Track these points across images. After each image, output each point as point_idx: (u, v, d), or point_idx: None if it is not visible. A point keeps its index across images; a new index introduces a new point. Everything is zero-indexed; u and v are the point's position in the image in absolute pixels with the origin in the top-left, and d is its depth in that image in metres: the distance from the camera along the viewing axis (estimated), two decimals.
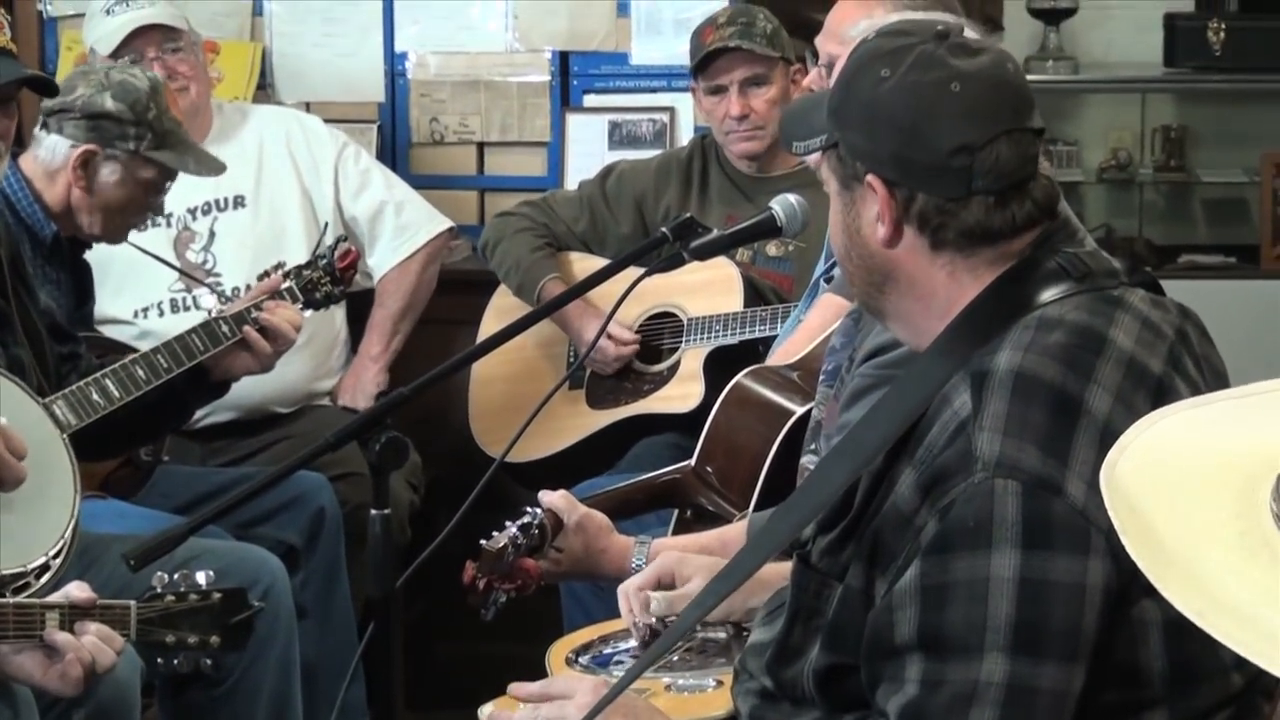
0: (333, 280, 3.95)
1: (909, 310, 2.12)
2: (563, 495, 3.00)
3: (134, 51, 4.52)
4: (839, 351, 2.84)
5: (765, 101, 4.49)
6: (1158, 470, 1.41)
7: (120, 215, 3.97)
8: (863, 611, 2.00)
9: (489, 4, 5.15)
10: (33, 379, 3.45)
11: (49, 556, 3.24)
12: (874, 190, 2.07)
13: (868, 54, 2.09)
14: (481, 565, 2.85)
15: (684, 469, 3.36)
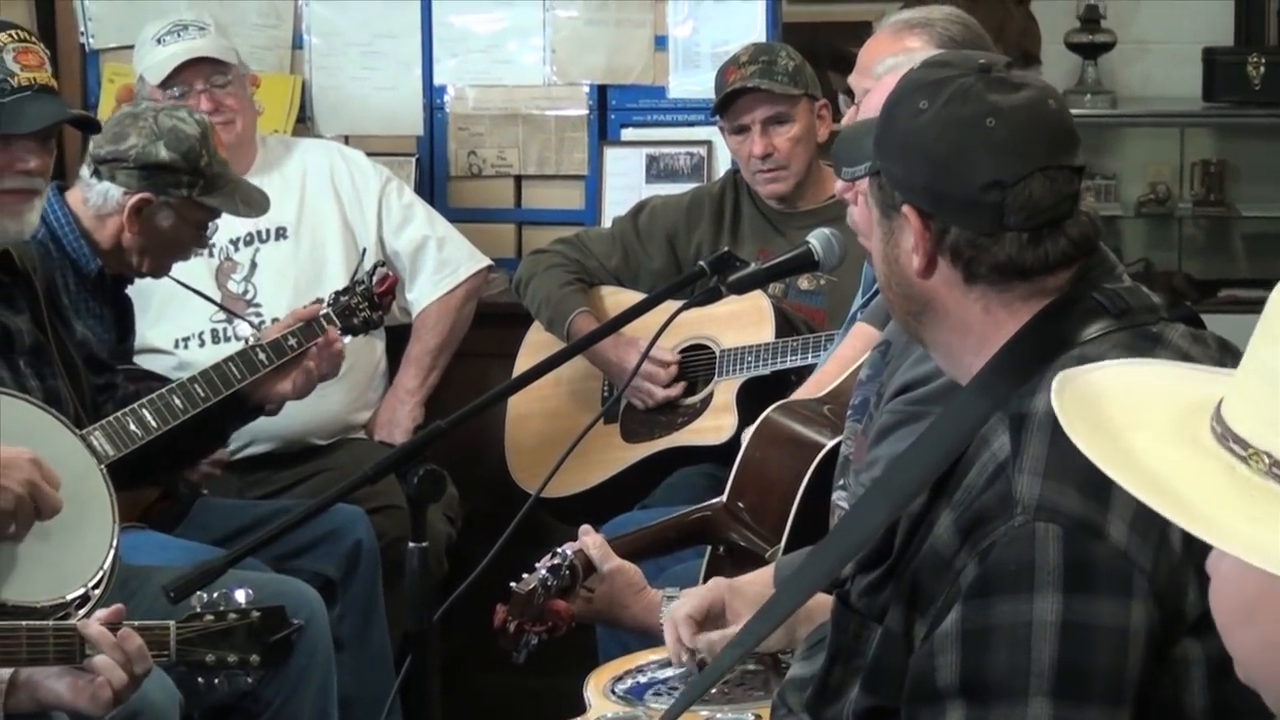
0: (371, 306, 3.98)
1: (946, 341, 2.13)
2: (599, 543, 3.00)
3: (183, 83, 4.56)
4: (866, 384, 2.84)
5: (788, 140, 4.50)
6: (1106, 387, 1.52)
7: (169, 255, 4.03)
8: (903, 654, 1.99)
9: (527, 38, 5.17)
10: (70, 410, 3.47)
11: (89, 587, 3.26)
12: (909, 220, 2.07)
13: (909, 85, 2.10)
14: (512, 608, 2.86)
15: (715, 505, 3.36)
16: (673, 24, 5.13)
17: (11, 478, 3.16)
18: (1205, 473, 1.37)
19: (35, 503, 3.19)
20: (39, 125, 3.36)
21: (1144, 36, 6.64)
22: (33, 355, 3.47)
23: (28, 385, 3.42)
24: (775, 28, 5.09)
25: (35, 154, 3.38)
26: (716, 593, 2.76)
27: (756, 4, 5.06)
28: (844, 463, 2.86)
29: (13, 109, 3.33)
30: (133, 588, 3.46)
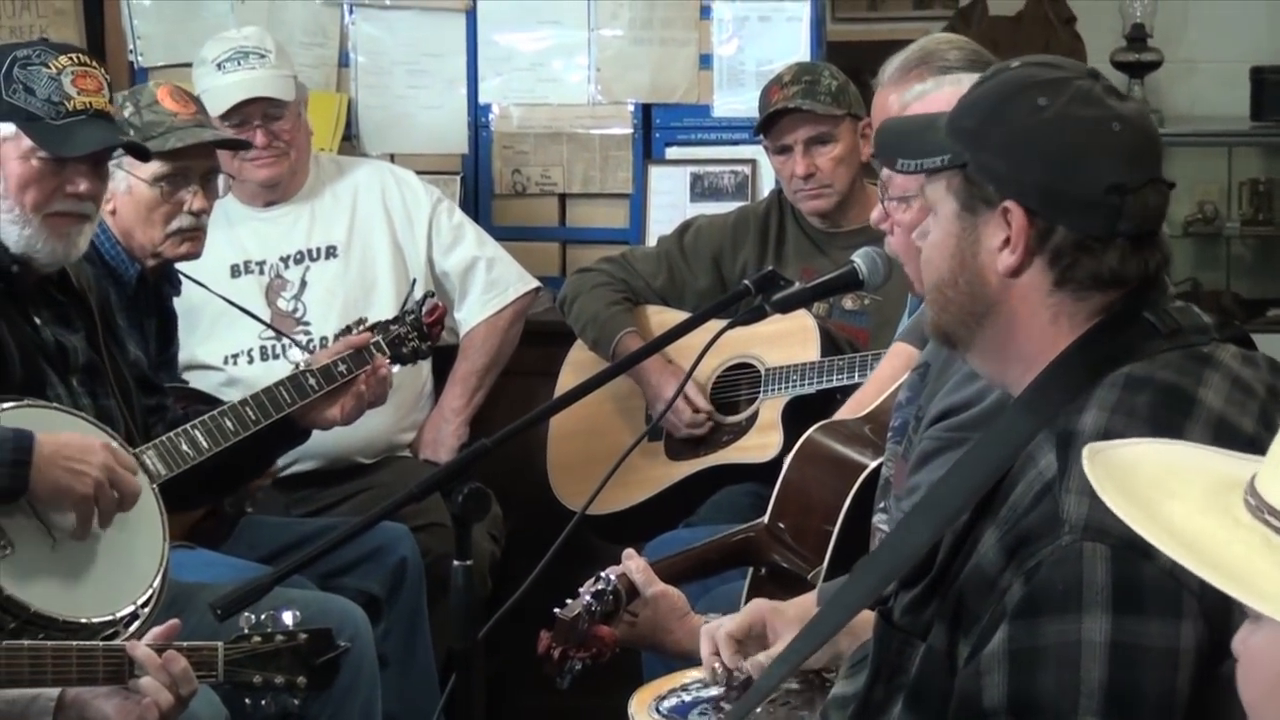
0: (420, 336, 3.99)
1: (999, 347, 2.10)
2: (643, 568, 3.00)
3: (238, 115, 4.58)
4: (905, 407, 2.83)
5: (830, 160, 4.50)
6: (1137, 460, 1.54)
7: (149, 220, 3.99)
8: (945, 672, 1.98)
9: (572, 57, 5.19)
10: (121, 429, 3.49)
11: (138, 605, 3.27)
12: (1008, 218, 2.04)
13: (1021, 81, 2.07)
14: (556, 634, 2.86)
15: (757, 526, 3.35)
16: (717, 43, 5.14)
17: (89, 462, 3.19)
18: (1242, 543, 1.38)
19: (115, 488, 3.21)
20: (88, 150, 3.38)
21: (1191, 56, 6.62)
22: (87, 374, 3.49)
23: (81, 403, 3.45)
24: (820, 47, 5.09)
25: (86, 178, 3.40)
26: (758, 613, 2.76)
27: (801, 23, 5.07)
28: (885, 485, 2.85)
29: (65, 132, 3.35)
30: (180, 605, 3.47)
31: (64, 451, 3.18)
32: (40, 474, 3.16)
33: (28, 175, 3.36)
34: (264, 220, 4.72)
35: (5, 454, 3.14)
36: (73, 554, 3.24)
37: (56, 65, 3.36)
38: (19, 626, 3.13)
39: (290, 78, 4.67)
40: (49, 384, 3.41)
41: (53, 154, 3.35)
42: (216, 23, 5.16)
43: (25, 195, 3.36)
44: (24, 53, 3.38)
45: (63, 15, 5.20)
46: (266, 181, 4.64)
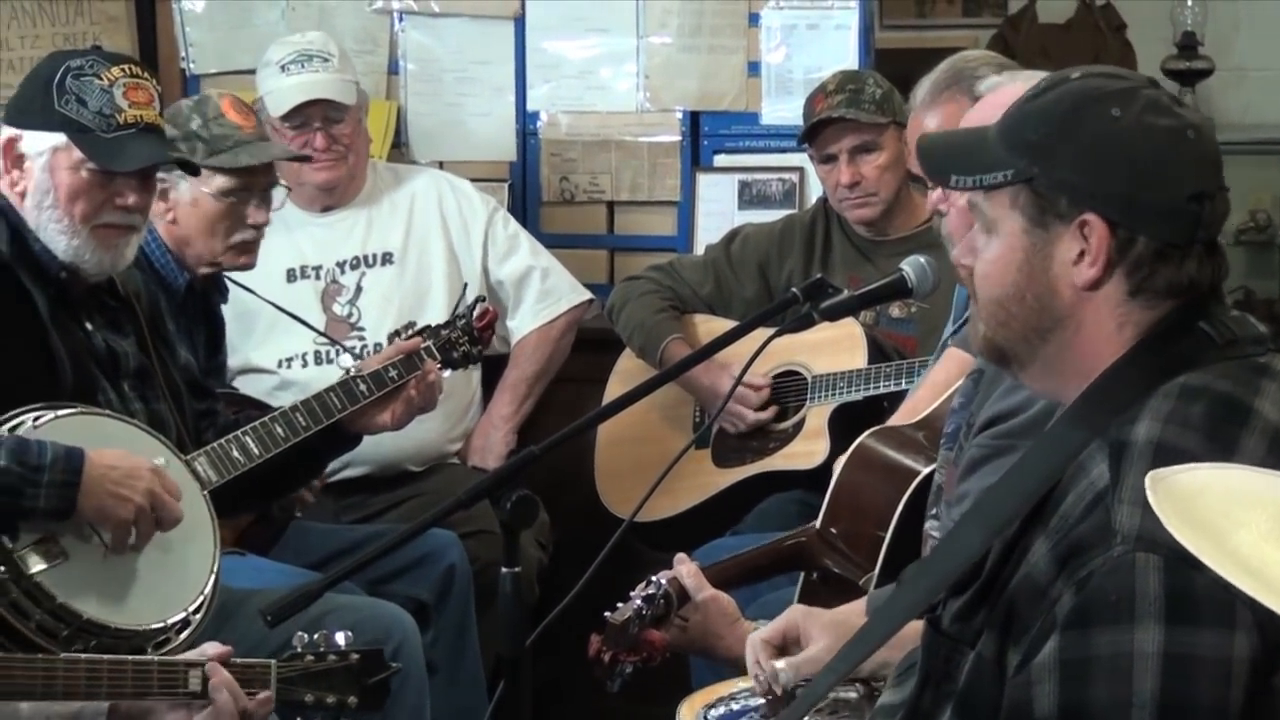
0: (471, 341, 4.01)
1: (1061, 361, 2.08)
2: (694, 572, 3.00)
3: (299, 117, 4.62)
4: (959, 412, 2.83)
5: (875, 168, 4.50)
6: (1198, 487, 1.55)
7: (213, 232, 4.04)
8: (994, 681, 1.98)
9: (620, 64, 5.20)
10: (172, 434, 3.51)
11: (189, 612, 3.29)
12: (1084, 231, 2.02)
13: (1089, 92, 2.06)
14: (606, 638, 2.86)
15: (809, 531, 3.35)
16: (765, 50, 5.14)
17: (133, 487, 3.21)
18: None
19: (156, 513, 3.24)
20: (137, 165, 3.40)
21: (1242, 63, 6.59)
22: (138, 379, 3.52)
23: (133, 408, 3.47)
24: (868, 54, 5.09)
25: (135, 191, 3.42)
26: (791, 617, 2.76)
27: (849, 31, 5.07)
28: (937, 491, 2.85)
29: (115, 146, 3.36)
30: (229, 611, 3.49)
31: (111, 475, 3.20)
32: (86, 496, 3.18)
33: (77, 186, 3.38)
34: (321, 225, 4.74)
35: (56, 475, 3.16)
36: (124, 562, 3.26)
37: (109, 77, 3.38)
38: (71, 634, 3.15)
39: (352, 83, 4.71)
40: (100, 389, 3.43)
41: (103, 168, 3.37)
42: (268, 30, 5.19)
43: (75, 206, 3.38)
44: (77, 63, 3.40)
45: (115, 22, 5.23)
46: (325, 184, 4.66)
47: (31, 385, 3.32)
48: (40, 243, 3.39)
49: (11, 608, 3.12)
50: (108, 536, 3.23)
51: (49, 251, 3.40)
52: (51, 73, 3.39)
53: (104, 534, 3.23)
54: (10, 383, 3.29)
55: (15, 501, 3.14)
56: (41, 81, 3.40)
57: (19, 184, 3.40)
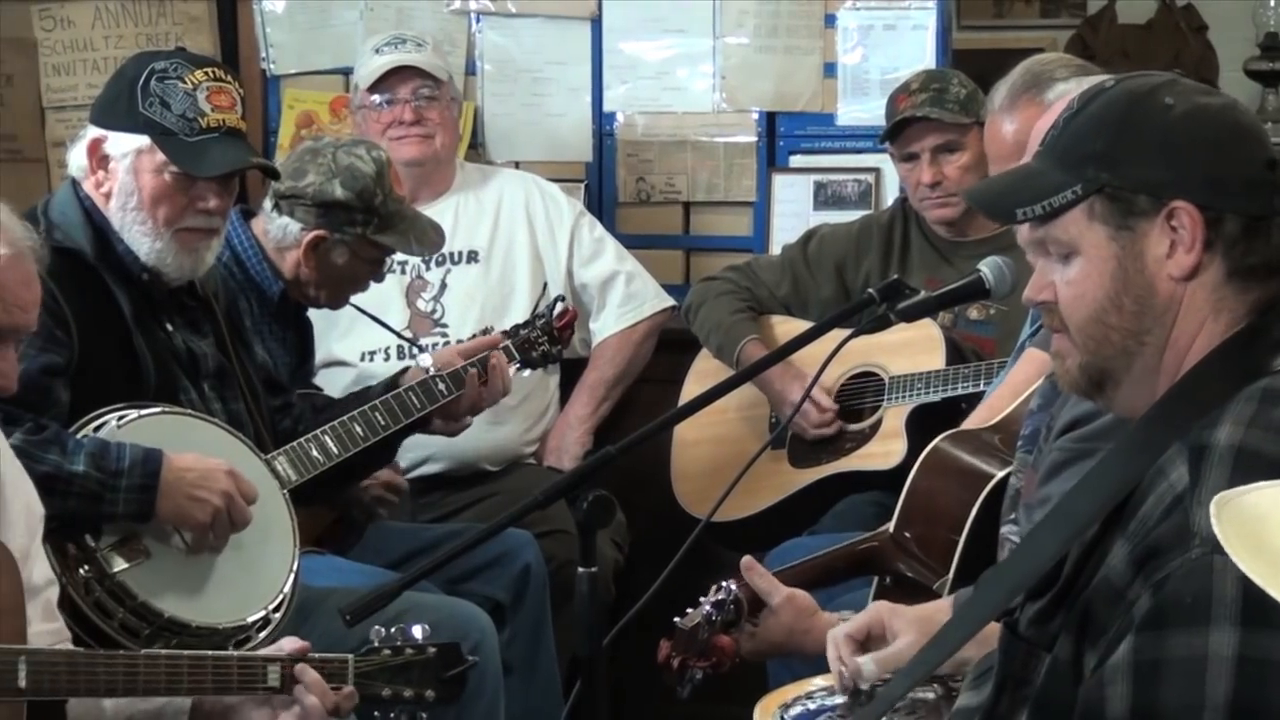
0: (550, 340, 4.03)
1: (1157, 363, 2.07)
2: (764, 575, 3.00)
3: (390, 90, 4.67)
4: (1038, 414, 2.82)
5: (958, 168, 4.48)
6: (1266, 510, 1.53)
7: (345, 288, 4.13)
8: (1071, 684, 1.97)
9: (697, 65, 5.20)
10: (250, 432, 3.54)
11: (269, 610, 3.32)
12: (1172, 220, 2.02)
13: (1137, 91, 2.06)
14: (676, 644, 2.86)
15: (882, 535, 3.35)
16: (842, 51, 5.13)
17: (210, 489, 3.25)
18: None
19: (231, 516, 3.26)
20: (219, 171, 3.43)
21: None
22: (217, 379, 3.55)
23: (213, 408, 3.50)
24: (945, 54, 5.07)
25: (216, 195, 3.46)
26: (876, 614, 2.76)
27: (926, 31, 5.05)
28: (1014, 496, 2.84)
29: (198, 150, 3.40)
30: (308, 610, 3.51)
31: (187, 477, 3.24)
32: (163, 499, 3.22)
33: (161, 190, 3.41)
34: None
35: (134, 479, 3.20)
36: (204, 561, 3.29)
37: (192, 80, 3.41)
38: (153, 633, 3.18)
39: (444, 69, 4.76)
40: (182, 389, 3.46)
41: (186, 172, 3.39)
42: (346, 31, 5.23)
43: (158, 209, 3.41)
44: (161, 65, 3.43)
45: (197, 23, 5.27)
46: (411, 160, 4.68)
47: (116, 385, 3.36)
48: (124, 244, 3.43)
49: (96, 607, 3.16)
50: (187, 537, 3.26)
51: (132, 253, 3.43)
52: (136, 74, 3.42)
53: (183, 535, 3.27)
54: (96, 383, 3.34)
55: (96, 507, 3.18)
56: (126, 83, 3.43)
57: (104, 184, 3.44)
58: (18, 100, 5.33)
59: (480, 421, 4.19)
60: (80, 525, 3.19)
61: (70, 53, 5.27)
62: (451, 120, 4.78)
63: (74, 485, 3.15)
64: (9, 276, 2.75)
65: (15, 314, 2.76)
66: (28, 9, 5.27)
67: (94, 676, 2.78)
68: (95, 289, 3.39)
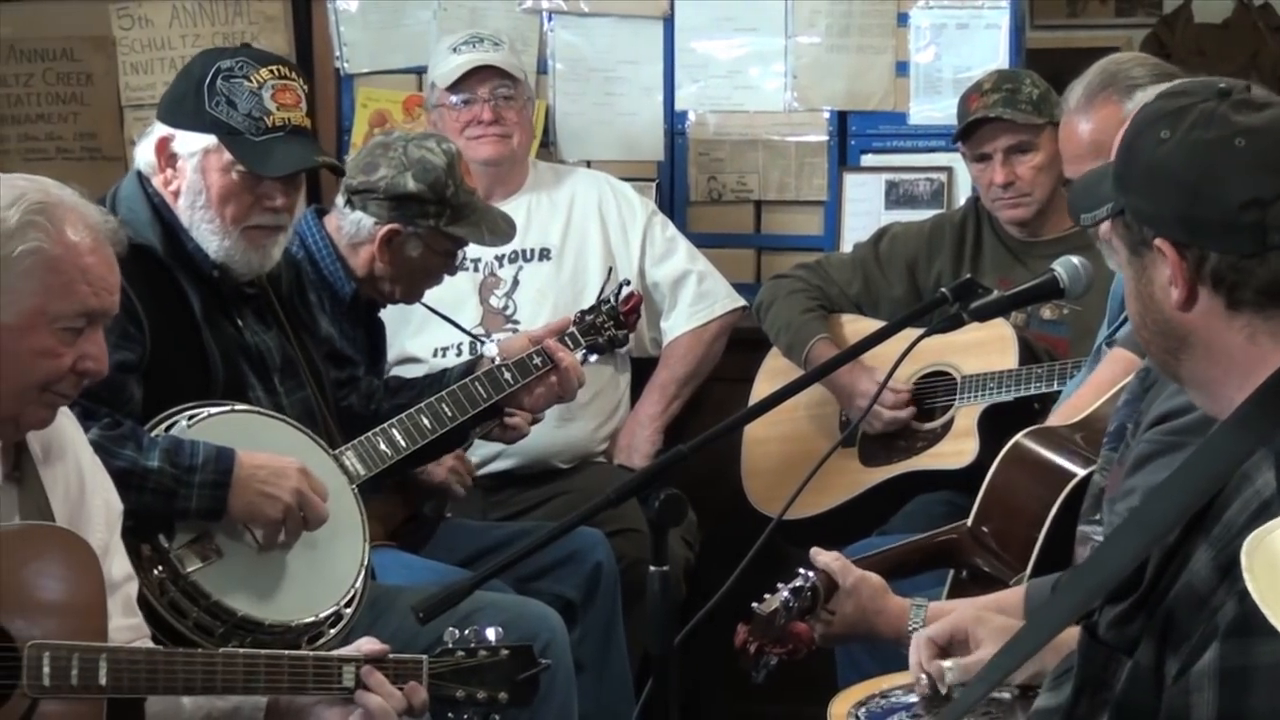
0: (617, 324, 4.04)
1: (1207, 377, 2.08)
2: (836, 557, 3.00)
3: (468, 90, 4.70)
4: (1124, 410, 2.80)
5: (1030, 169, 4.46)
6: None
7: (420, 282, 4.13)
8: (1152, 689, 1.96)
9: (769, 64, 5.19)
10: (321, 426, 3.56)
11: (340, 605, 3.33)
12: (1164, 254, 2.03)
13: (1148, 118, 2.07)
14: (753, 629, 2.86)
15: (960, 529, 3.34)
16: (914, 50, 5.11)
17: (281, 486, 3.26)
18: None
19: (303, 512, 3.28)
20: (285, 171, 3.44)
21: None
22: (285, 371, 3.57)
23: (282, 403, 3.52)
24: (1018, 54, 5.05)
25: (282, 193, 3.48)
26: (961, 621, 2.74)
27: (1000, 30, 5.03)
28: (1097, 494, 2.82)
29: (264, 149, 3.41)
30: (381, 607, 3.53)
31: (259, 474, 3.26)
32: (236, 495, 3.24)
33: (228, 188, 3.43)
34: None
35: (207, 475, 3.22)
36: (275, 559, 3.31)
37: (258, 79, 3.43)
38: (226, 631, 3.20)
39: (521, 69, 4.79)
40: (249, 386, 3.48)
41: (252, 171, 3.41)
42: (419, 30, 5.25)
43: (226, 208, 3.43)
44: (227, 64, 3.45)
45: (272, 22, 5.30)
46: (488, 160, 4.70)
47: (185, 382, 3.38)
48: (194, 242, 3.45)
49: (171, 607, 3.18)
50: (259, 534, 3.28)
51: (202, 251, 3.45)
52: (203, 73, 3.44)
53: (255, 532, 3.29)
54: (165, 380, 3.36)
55: (169, 503, 3.20)
56: (193, 82, 3.45)
57: (172, 183, 3.46)
58: (97, 99, 5.38)
59: (550, 419, 4.21)
60: (154, 522, 3.21)
61: (148, 51, 5.31)
62: (527, 120, 4.80)
63: (149, 481, 3.17)
64: (93, 260, 2.78)
65: (104, 297, 2.79)
66: (106, 8, 5.31)
67: (173, 675, 2.80)
68: (165, 286, 3.41)
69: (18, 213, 2.73)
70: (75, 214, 2.78)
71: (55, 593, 2.72)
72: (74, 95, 5.40)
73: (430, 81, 4.83)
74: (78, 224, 2.76)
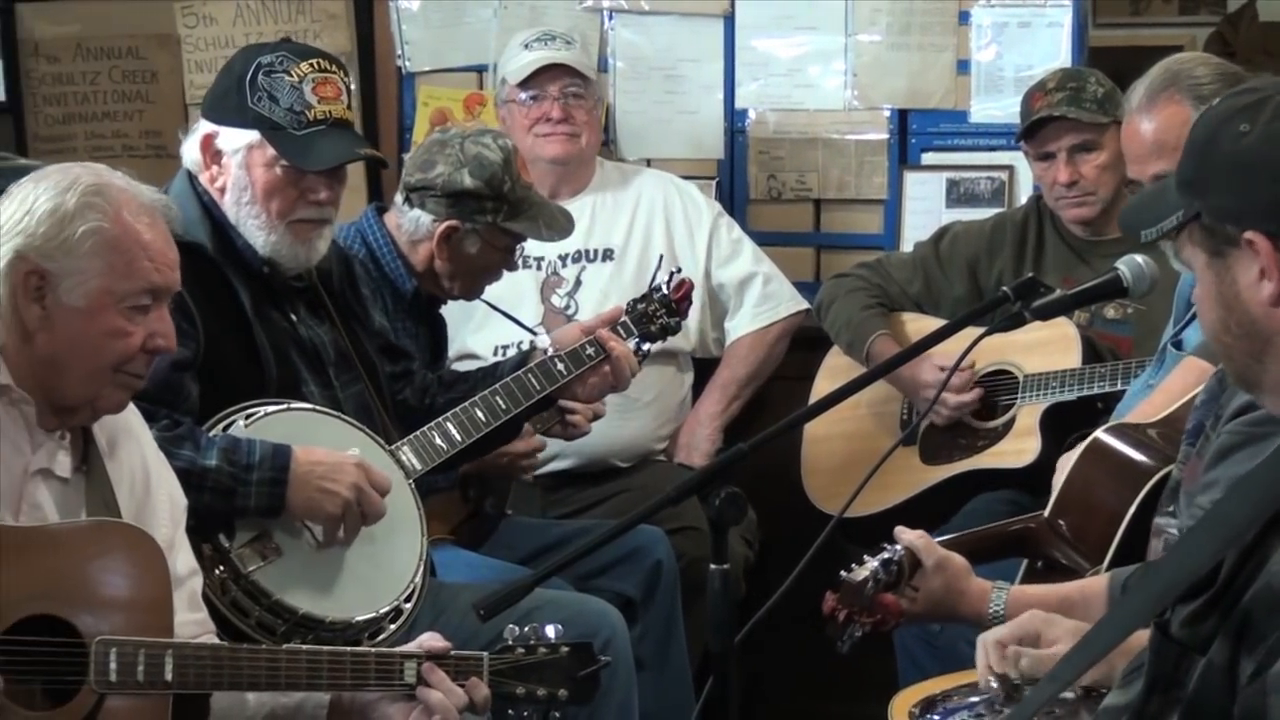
0: (668, 311, 4.04)
1: None
2: (921, 535, 2.99)
3: (538, 87, 4.72)
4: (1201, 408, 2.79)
5: (1095, 167, 4.44)
6: None
7: (479, 278, 4.14)
8: (1225, 689, 1.95)
9: (829, 62, 5.18)
10: (378, 421, 3.57)
11: (400, 600, 3.34)
12: (1254, 247, 2.02)
13: (1219, 116, 2.06)
14: (842, 596, 2.84)
15: (1037, 519, 3.33)
16: (975, 48, 5.10)
17: (340, 481, 3.27)
18: None
19: (361, 507, 3.29)
20: (327, 165, 3.46)
21: None
22: (339, 365, 3.58)
23: (336, 396, 3.53)
24: (1081, 52, 5.03)
25: (326, 186, 3.49)
26: (1031, 623, 2.73)
27: (1062, 29, 5.01)
28: (1174, 488, 2.81)
29: (306, 143, 3.42)
30: (442, 604, 3.54)
31: (317, 470, 3.27)
32: (294, 492, 3.25)
33: (273, 183, 3.45)
34: None
35: (265, 472, 3.23)
36: (334, 555, 3.31)
37: (298, 73, 3.45)
38: (289, 629, 3.21)
39: (592, 68, 4.80)
40: (303, 380, 3.49)
41: (295, 166, 3.43)
42: (480, 28, 5.27)
43: (271, 203, 3.45)
44: (268, 59, 3.46)
45: (335, 20, 5.33)
46: (555, 158, 4.72)
47: (238, 379, 3.39)
48: (242, 238, 3.47)
49: (233, 606, 3.20)
50: (318, 531, 3.30)
51: (251, 247, 3.47)
52: (244, 69, 3.46)
53: (314, 529, 3.30)
54: (220, 377, 3.37)
55: (229, 501, 3.21)
56: (235, 78, 3.47)
57: (218, 180, 3.48)
58: (162, 97, 5.41)
59: (611, 417, 4.21)
60: (214, 520, 3.22)
61: (212, 49, 5.34)
62: (596, 120, 4.82)
63: (208, 480, 3.19)
64: (152, 237, 2.81)
65: (166, 273, 2.83)
66: (171, 6, 5.35)
67: (237, 671, 2.82)
68: (216, 283, 3.43)
69: (75, 196, 2.76)
70: (128, 194, 2.82)
71: (122, 589, 2.74)
72: (139, 93, 5.44)
73: (500, 77, 4.85)
74: (132, 203, 2.80)
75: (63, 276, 2.75)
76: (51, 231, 2.75)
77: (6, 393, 2.76)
